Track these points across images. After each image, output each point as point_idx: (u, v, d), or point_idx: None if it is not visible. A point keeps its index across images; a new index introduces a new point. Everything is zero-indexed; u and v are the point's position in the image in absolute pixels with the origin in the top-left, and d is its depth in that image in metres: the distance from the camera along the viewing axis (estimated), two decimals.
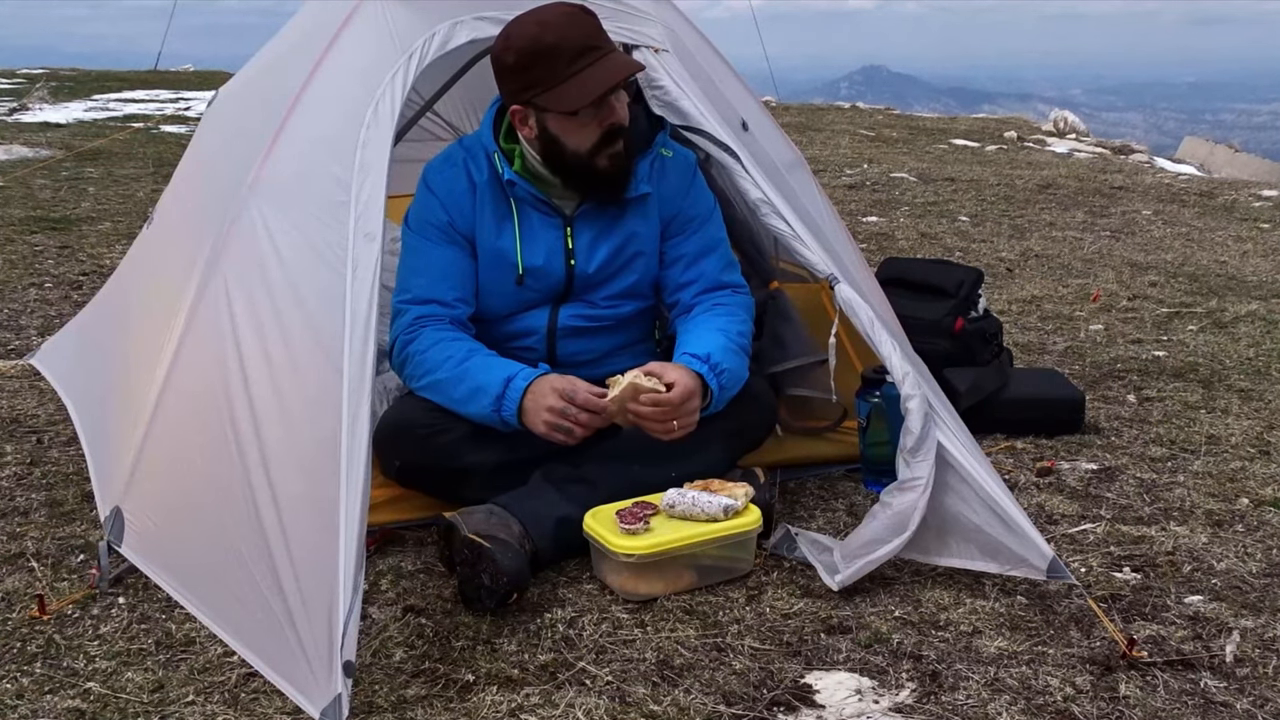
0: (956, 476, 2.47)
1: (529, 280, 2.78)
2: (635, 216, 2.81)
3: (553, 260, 2.78)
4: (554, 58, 2.56)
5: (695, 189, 2.88)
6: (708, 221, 2.89)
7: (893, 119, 12.11)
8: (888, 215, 6.95)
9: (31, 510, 2.86)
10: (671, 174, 2.84)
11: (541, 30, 2.57)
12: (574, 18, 2.60)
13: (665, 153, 2.84)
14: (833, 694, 2.12)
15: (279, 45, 3.28)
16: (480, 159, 2.77)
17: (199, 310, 2.53)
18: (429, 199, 2.77)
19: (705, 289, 2.84)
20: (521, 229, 2.76)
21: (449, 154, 2.82)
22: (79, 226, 6.06)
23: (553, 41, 2.56)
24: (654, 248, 2.85)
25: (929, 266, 4.09)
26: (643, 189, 2.78)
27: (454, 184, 2.76)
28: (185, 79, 13.59)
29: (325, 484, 2.10)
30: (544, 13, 2.61)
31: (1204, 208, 7.36)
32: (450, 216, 2.75)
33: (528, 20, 2.60)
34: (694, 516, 2.50)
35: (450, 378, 2.62)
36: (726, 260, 2.90)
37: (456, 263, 2.75)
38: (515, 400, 2.55)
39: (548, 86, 2.59)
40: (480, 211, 2.76)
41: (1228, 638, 2.32)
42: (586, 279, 2.80)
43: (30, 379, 3.76)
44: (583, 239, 2.79)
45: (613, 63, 2.60)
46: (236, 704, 2.07)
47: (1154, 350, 4.30)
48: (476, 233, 2.76)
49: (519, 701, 2.08)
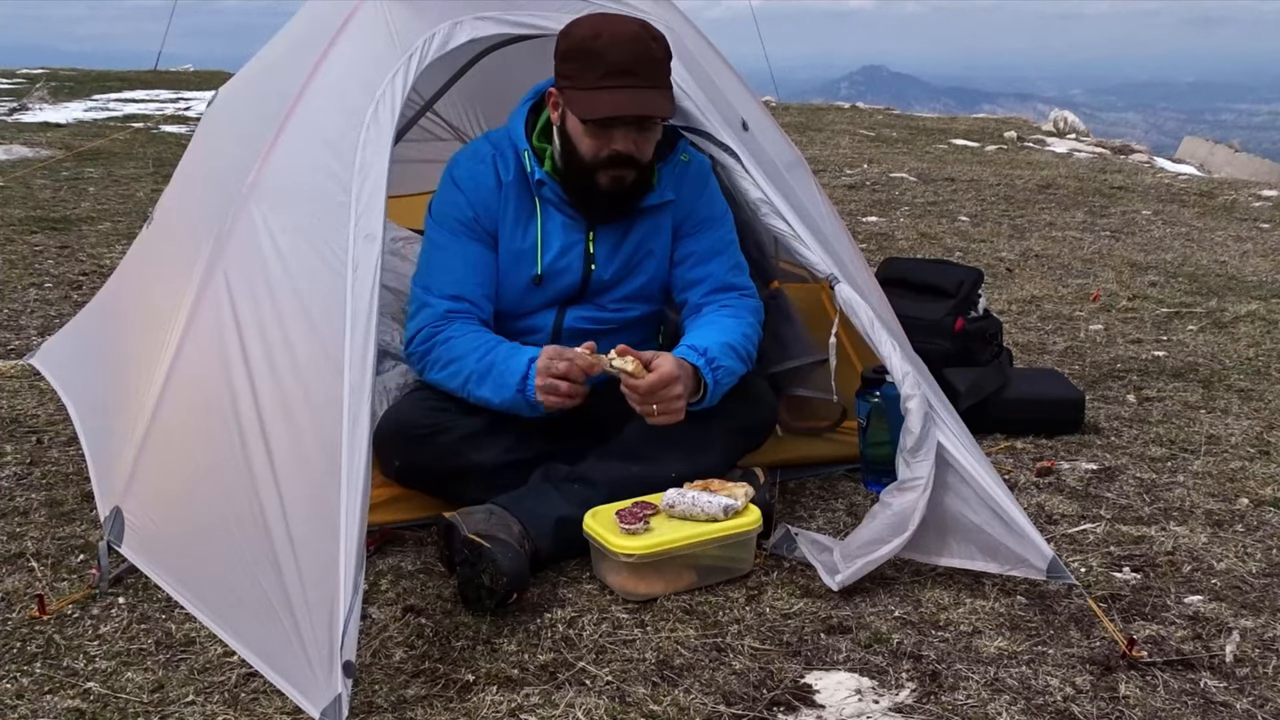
0: (956, 476, 2.47)
1: (546, 282, 2.78)
2: (653, 221, 2.82)
3: (572, 264, 2.78)
4: (592, 63, 2.56)
5: (709, 192, 2.89)
6: (719, 224, 2.89)
7: (893, 119, 12.11)
8: (888, 215, 6.95)
9: (31, 510, 2.86)
10: (690, 179, 2.85)
11: (596, 34, 2.57)
12: (636, 40, 2.58)
13: (684, 158, 2.85)
14: (833, 694, 2.12)
15: (279, 45, 3.28)
16: (509, 156, 2.77)
17: (199, 310, 2.53)
18: (455, 194, 2.76)
19: (713, 289, 2.84)
20: (544, 230, 2.76)
21: (476, 149, 2.82)
22: (79, 226, 6.06)
23: (598, 48, 2.56)
24: (664, 251, 2.85)
25: (929, 266, 4.09)
26: (667, 195, 2.80)
27: (481, 180, 2.76)
28: (185, 79, 13.59)
29: (326, 484, 2.10)
30: (613, 22, 2.61)
31: (1204, 208, 7.36)
32: (476, 213, 2.74)
33: (595, 19, 2.62)
34: (694, 516, 2.50)
35: (478, 369, 2.63)
36: (735, 262, 2.91)
37: (481, 259, 2.75)
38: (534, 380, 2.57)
39: (575, 86, 2.60)
40: (504, 210, 2.76)
41: (1228, 638, 2.32)
42: (602, 283, 2.81)
43: (30, 379, 3.76)
44: (604, 244, 2.79)
45: (641, 97, 2.58)
46: (236, 704, 2.07)
47: (1154, 350, 4.30)
48: (500, 230, 2.76)
49: (519, 701, 2.08)
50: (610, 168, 2.65)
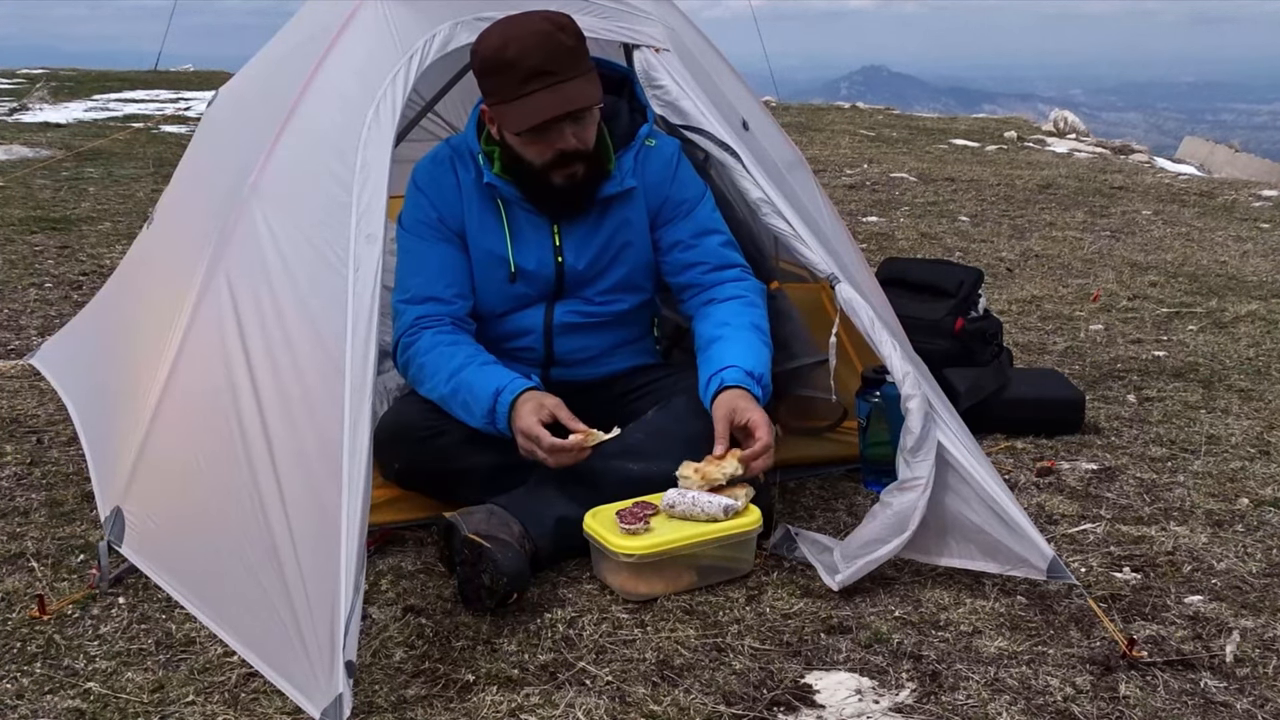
0: (956, 476, 2.47)
1: (521, 278, 2.78)
2: (622, 209, 2.80)
3: (542, 259, 2.78)
4: (508, 75, 2.55)
5: (681, 174, 2.86)
6: (699, 203, 2.87)
7: (893, 119, 12.11)
8: (888, 215, 6.95)
9: (31, 510, 2.86)
10: (655, 163, 2.83)
11: (504, 44, 2.54)
12: (544, 37, 2.54)
13: (650, 143, 2.83)
14: (833, 694, 2.12)
15: (279, 45, 3.28)
16: (466, 159, 2.78)
17: (201, 310, 2.53)
18: (418, 197, 2.77)
19: (715, 267, 2.84)
20: (511, 229, 2.77)
21: (436, 154, 2.83)
22: (79, 226, 6.06)
23: (510, 58, 2.53)
24: (644, 238, 2.84)
25: (929, 266, 4.09)
26: (628, 183, 2.78)
27: (441, 182, 2.77)
28: (185, 79, 13.59)
29: (327, 483, 2.10)
30: (517, 25, 2.57)
31: (1204, 208, 7.36)
32: (440, 213, 2.75)
33: (499, 29, 2.58)
34: (694, 516, 2.50)
35: (447, 393, 2.63)
36: (726, 238, 2.89)
37: (450, 258, 2.75)
38: (504, 414, 2.56)
39: (500, 100, 2.59)
40: (469, 210, 2.76)
41: (1228, 638, 2.32)
42: (578, 275, 2.80)
43: (30, 379, 3.76)
44: (571, 237, 2.78)
45: (566, 92, 2.56)
46: (236, 704, 2.07)
47: (1154, 350, 4.30)
48: (467, 231, 2.77)
49: (519, 701, 2.08)
50: (561, 166, 2.65)
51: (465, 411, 2.62)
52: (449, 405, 2.65)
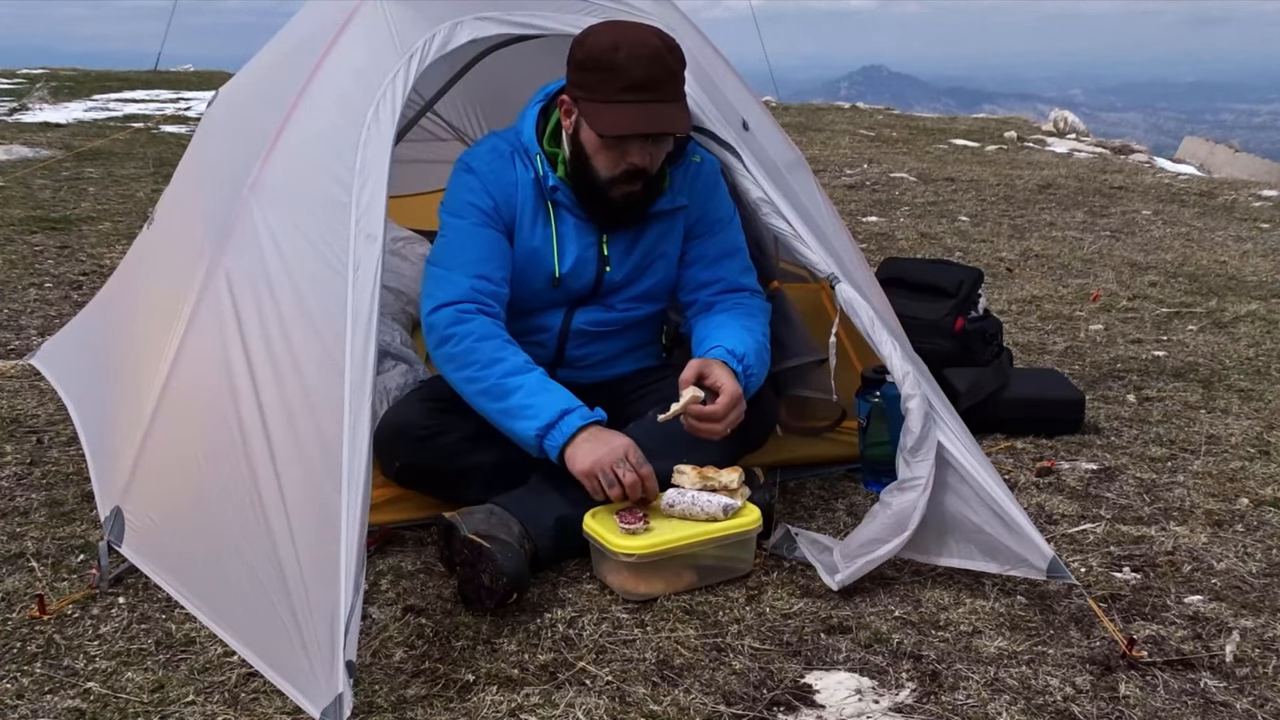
0: (956, 476, 2.47)
1: (562, 283, 2.77)
2: (664, 223, 2.81)
3: (586, 267, 2.77)
4: (611, 76, 2.54)
5: (720, 194, 2.88)
6: (729, 225, 2.89)
7: (893, 119, 12.12)
8: (888, 215, 6.95)
9: (31, 510, 2.86)
10: (702, 181, 2.85)
11: (615, 46, 2.54)
12: (655, 52, 2.54)
13: (696, 159, 2.84)
14: (833, 694, 2.12)
15: (279, 45, 3.28)
16: (527, 158, 2.76)
17: (200, 311, 2.53)
18: (473, 182, 2.73)
19: (726, 289, 2.84)
20: (559, 233, 2.76)
21: (495, 146, 2.79)
22: (79, 226, 6.06)
23: (619, 62, 2.53)
24: (676, 252, 2.85)
25: (929, 266, 4.09)
26: (679, 200, 2.79)
27: (502, 174, 2.74)
28: (185, 79, 13.59)
29: (327, 483, 2.10)
30: (631, 31, 2.58)
31: (1204, 208, 7.36)
32: (495, 202, 2.72)
33: (610, 30, 2.58)
34: (694, 516, 2.50)
35: (495, 386, 2.55)
36: (746, 264, 2.91)
37: (499, 245, 2.72)
38: (566, 436, 2.50)
39: (592, 98, 2.58)
40: (522, 207, 2.75)
41: (1227, 638, 2.32)
42: (613, 285, 2.81)
43: (30, 379, 3.76)
44: (617, 247, 2.79)
45: (661, 113, 2.56)
46: (236, 704, 2.07)
47: (1154, 350, 4.30)
48: (517, 227, 2.75)
49: (519, 701, 2.08)
50: (625, 182, 2.65)
51: (510, 413, 2.53)
52: (491, 397, 2.55)
